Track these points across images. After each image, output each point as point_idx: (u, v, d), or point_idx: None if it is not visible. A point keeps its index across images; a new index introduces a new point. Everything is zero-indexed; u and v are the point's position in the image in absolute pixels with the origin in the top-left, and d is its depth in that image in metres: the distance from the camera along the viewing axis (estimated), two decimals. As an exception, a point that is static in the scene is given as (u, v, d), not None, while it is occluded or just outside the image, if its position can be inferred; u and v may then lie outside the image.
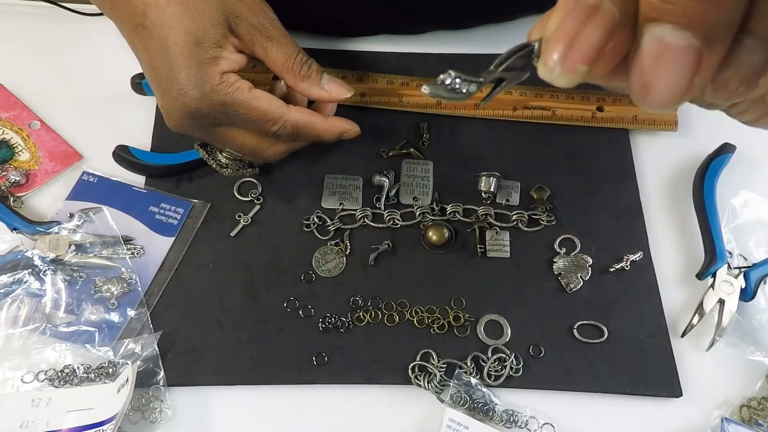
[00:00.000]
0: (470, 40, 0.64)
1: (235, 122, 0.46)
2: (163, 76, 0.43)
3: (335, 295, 0.52)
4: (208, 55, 0.43)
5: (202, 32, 0.43)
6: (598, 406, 0.49)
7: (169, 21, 0.43)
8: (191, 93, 0.43)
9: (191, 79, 0.43)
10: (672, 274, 0.54)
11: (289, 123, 0.47)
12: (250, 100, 0.45)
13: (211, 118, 0.45)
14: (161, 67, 0.43)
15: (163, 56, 0.43)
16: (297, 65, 0.48)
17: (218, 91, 0.44)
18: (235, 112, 0.45)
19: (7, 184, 0.54)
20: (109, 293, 0.51)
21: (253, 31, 0.46)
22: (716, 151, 0.57)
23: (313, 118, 0.48)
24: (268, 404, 0.48)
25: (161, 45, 0.43)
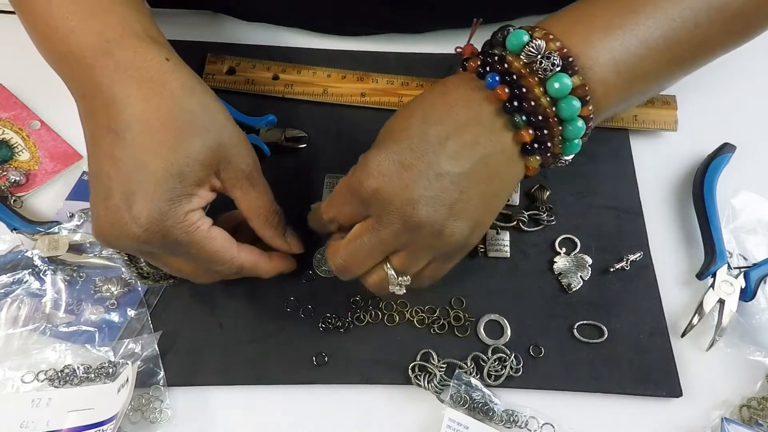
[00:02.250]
0: (470, 40, 0.64)
1: (179, 255, 0.43)
2: (119, 193, 0.39)
3: (335, 295, 0.52)
4: (184, 192, 0.40)
5: (189, 169, 0.40)
6: (598, 406, 0.49)
7: (157, 146, 0.39)
8: (147, 225, 0.39)
9: (153, 213, 0.39)
10: (672, 274, 0.54)
11: (234, 266, 0.44)
12: (204, 240, 0.42)
13: (154, 248, 0.41)
14: (121, 184, 0.39)
15: (131, 174, 0.39)
16: (271, 214, 0.46)
17: (177, 228, 0.40)
18: (185, 250, 0.42)
19: (7, 184, 0.54)
20: (109, 293, 0.51)
21: (240, 177, 0.43)
22: (716, 151, 0.57)
23: (259, 260, 0.46)
24: (268, 404, 0.48)
25: (135, 165, 0.39)
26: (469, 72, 0.43)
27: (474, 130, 0.41)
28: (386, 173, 0.40)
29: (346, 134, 0.59)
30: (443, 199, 0.40)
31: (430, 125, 0.41)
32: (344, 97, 0.60)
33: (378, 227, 0.41)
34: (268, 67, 0.61)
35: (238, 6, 0.63)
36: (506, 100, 0.41)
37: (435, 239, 0.41)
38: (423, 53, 0.63)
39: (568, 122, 0.41)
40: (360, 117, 0.59)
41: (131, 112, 0.40)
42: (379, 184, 0.40)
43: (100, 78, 0.40)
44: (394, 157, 0.40)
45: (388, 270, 0.43)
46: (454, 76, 0.44)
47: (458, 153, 0.40)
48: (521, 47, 0.41)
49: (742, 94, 0.63)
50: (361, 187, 0.40)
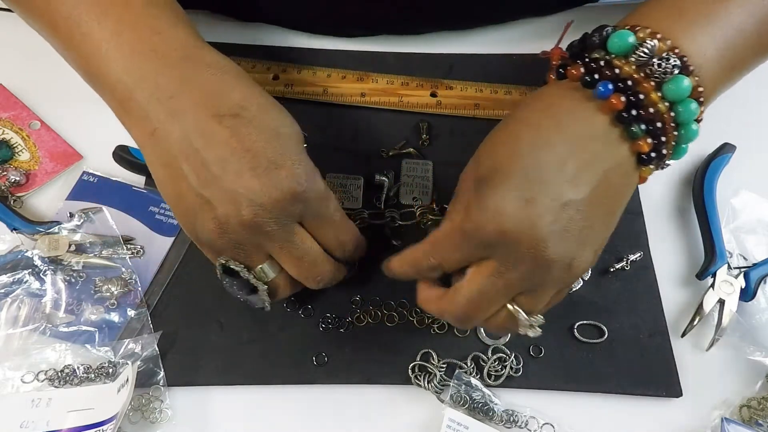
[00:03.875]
0: (470, 40, 0.64)
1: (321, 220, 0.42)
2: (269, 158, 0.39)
3: (335, 295, 0.52)
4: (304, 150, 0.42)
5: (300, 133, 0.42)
6: (598, 406, 0.49)
7: (278, 118, 0.41)
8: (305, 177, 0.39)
9: (308, 168, 0.40)
10: (672, 274, 0.54)
11: (356, 235, 0.45)
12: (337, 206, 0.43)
13: (305, 208, 0.41)
14: (266, 152, 0.39)
15: (273, 142, 0.39)
16: None
17: (323, 186, 0.41)
18: (327, 207, 0.42)
19: (7, 184, 0.54)
20: (109, 293, 0.51)
21: None
22: (716, 151, 0.57)
23: (362, 237, 0.47)
24: (268, 404, 0.48)
25: (271, 132, 0.40)
26: (571, 80, 0.39)
27: (589, 146, 0.38)
28: (509, 213, 0.36)
29: (346, 134, 0.59)
30: (571, 230, 0.37)
31: (542, 149, 0.37)
32: (344, 97, 0.60)
33: (503, 270, 0.38)
34: (268, 67, 0.61)
35: (237, 6, 0.63)
36: (622, 110, 0.37)
37: (564, 273, 0.38)
38: (422, 53, 0.63)
39: (685, 126, 0.39)
40: (360, 117, 0.59)
41: (238, 95, 0.40)
42: (504, 226, 0.36)
43: (192, 74, 0.40)
44: (514, 194, 0.37)
45: (517, 312, 0.40)
46: (554, 87, 0.41)
47: (578, 176, 0.37)
48: (628, 49, 0.38)
49: (742, 94, 0.63)
50: (481, 232, 0.37)
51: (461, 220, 0.39)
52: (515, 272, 0.38)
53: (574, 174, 0.37)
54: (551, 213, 0.36)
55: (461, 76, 0.61)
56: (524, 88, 0.60)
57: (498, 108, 0.59)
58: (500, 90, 0.60)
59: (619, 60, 0.38)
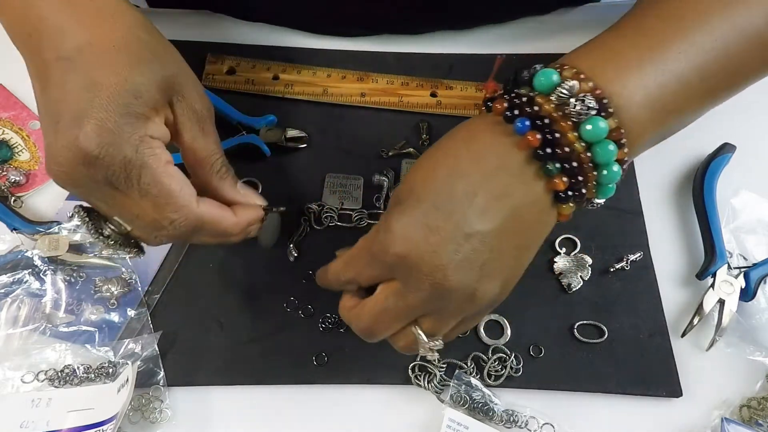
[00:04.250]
0: (470, 40, 0.64)
1: (133, 189, 0.39)
2: (69, 112, 0.37)
3: (335, 295, 0.52)
4: (140, 111, 0.38)
5: (145, 89, 0.38)
6: (598, 406, 0.49)
7: (110, 65, 0.37)
8: (98, 138, 0.36)
9: (108, 123, 0.36)
10: (672, 274, 0.54)
11: (192, 215, 0.40)
12: (160, 172, 0.38)
13: (108, 173, 0.37)
14: (72, 103, 0.37)
15: (81, 93, 0.37)
16: (217, 164, 0.43)
17: (132, 145, 0.37)
18: (138, 178, 0.38)
19: (7, 184, 0.54)
20: (109, 293, 0.51)
21: (191, 116, 0.41)
22: (716, 151, 0.57)
23: (221, 214, 0.42)
24: (268, 404, 0.48)
25: (87, 82, 0.37)
26: (495, 114, 0.39)
27: (503, 180, 0.38)
28: (412, 238, 0.37)
29: (346, 134, 0.59)
30: (474, 260, 0.37)
31: (456, 179, 0.38)
32: (344, 97, 0.60)
33: (405, 292, 0.38)
34: (268, 67, 0.61)
35: (237, 6, 0.63)
36: (538, 147, 0.37)
37: (466, 303, 0.39)
38: (422, 53, 0.63)
39: (604, 167, 0.38)
40: (360, 117, 0.59)
41: (81, 37, 0.38)
42: (406, 250, 0.37)
43: (47, 12, 0.39)
44: (420, 220, 0.37)
45: (418, 334, 0.40)
46: (479, 119, 0.41)
47: (487, 208, 0.37)
48: (551, 88, 0.38)
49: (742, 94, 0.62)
50: (385, 253, 0.38)
51: (371, 239, 0.39)
52: (416, 295, 0.38)
53: (483, 206, 0.37)
54: (453, 242, 0.37)
55: (461, 76, 0.61)
56: (524, 88, 0.60)
57: (498, 108, 0.59)
58: (500, 90, 0.60)
59: (541, 97, 0.38)
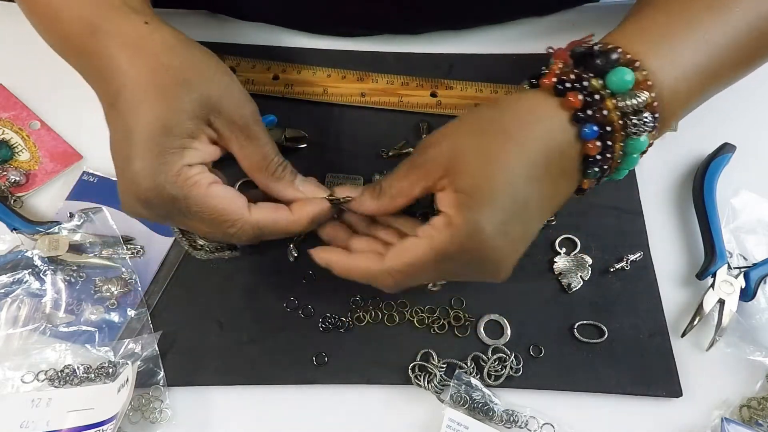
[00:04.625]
0: (470, 40, 0.64)
1: (189, 216, 0.42)
2: (121, 160, 0.40)
3: (335, 295, 0.52)
4: (174, 145, 0.40)
5: (175, 122, 0.40)
6: (598, 406, 0.49)
7: (140, 105, 0.40)
8: (143, 183, 0.39)
9: (146, 168, 0.39)
10: (672, 274, 0.54)
11: (248, 225, 0.43)
12: (205, 197, 0.41)
13: (163, 209, 0.41)
14: (121, 151, 0.40)
15: (124, 140, 0.40)
16: (272, 166, 0.45)
17: (172, 183, 0.40)
18: (187, 208, 0.41)
19: (7, 184, 0.54)
20: (109, 293, 0.51)
21: (234, 129, 0.43)
22: (716, 151, 0.57)
23: (276, 216, 0.44)
24: (268, 404, 0.48)
25: (126, 129, 0.40)
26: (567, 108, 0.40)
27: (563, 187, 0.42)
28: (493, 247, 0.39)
29: (346, 134, 0.59)
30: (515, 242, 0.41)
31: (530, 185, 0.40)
32: (344, 97, 0.60)
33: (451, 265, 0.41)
34: (268, 67, 0.61)
35: (237, 6, 0.63)
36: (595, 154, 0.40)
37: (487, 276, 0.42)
38: (422, 53, 0.63)
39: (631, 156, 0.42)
40: (360, 117, 0.59)
41: (120, 81, 0.40)
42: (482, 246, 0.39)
43: (91, 58, 0.42)
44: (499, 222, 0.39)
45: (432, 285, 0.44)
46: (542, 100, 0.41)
47: (545, 214, 0.43)
48: (624, 89, 0.39)
49: (742, 94, 0.63)
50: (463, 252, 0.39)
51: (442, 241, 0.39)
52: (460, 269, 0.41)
53: (545, 212, 0.42)
54: (518, 246, 0.41)
55: (461, 76, 0.61)
56: (524, 88, 0.60)
57: (498, 108, 0.59)
58: (500, 90, 0.60)
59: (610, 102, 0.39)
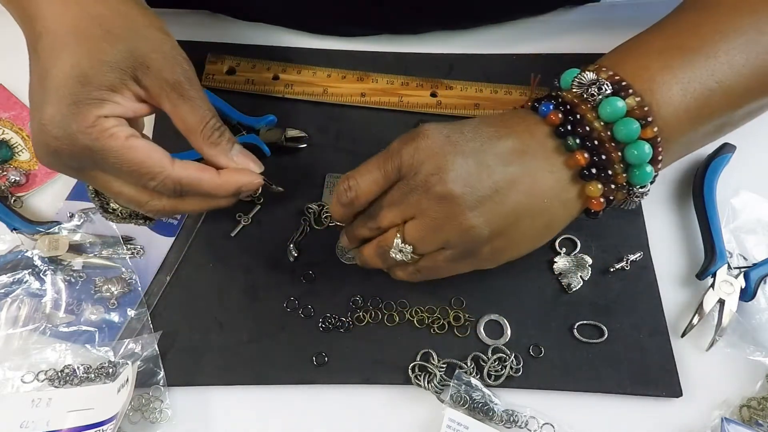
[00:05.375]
0: (470, 40, 0.64)
1: (105, 170, 0.41)
2: (34, 105, 0.39)
3: (335, 295, 0.52)
4: (90, 96, 0.39)
5: (94, 71, 0.38)
6: (598, 406, 0.49)
7: (59, 51, 0.38)
8: (53, 131, 0.38)
9: (57, 116, 0.38)
10: (672, 274, 0.54)
11: (169, 179, 0.41)
12: (122, 149, 0.39)
13: (75, 160, 0.40)
14: (35, 97, 0.39)
15: (39, 86, 0.39)
16: (208, 130, 0.43)
17: (86, 134, 0.38)
18: (103, 160, 0.40)
19: (7, 184, 0.54)
20: (109, 293, 0.51)
21: (164, 86, 0.41)
22: (716, 151, 0.57)
23: (201, 175, 0.43)
24: (268, 404, 0.48)
25: (42, 74, 0.39)
26: (524, 108, 0.45)
27: (526, 140, 0.42)
28: (430, 137, 0.41)
29: (346, 134, 0.59)
30: (474, 186, 0.40)
31: (485, 126, 0.42)
32: (344, 97, 0.60)
33: (403, 185, 0.42)
34: (268, 67, 0.61)
35: (237, 6, 0.63)
36: (559, 124, 0.42)
37: (452, 222, 0.40)
38: (423, 53, 0.63)
39: (629, 145, 0.41)
40: (360, 117, 0.59)
41: (42, 24, 0.39)
42: (420, 145, 0.41)
43: None
44: (443, 131, 0.41)
45: (396, 236, 0.43)
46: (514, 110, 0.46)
47: (505, 154, 0.41)
48: (571, 81, 0.43)
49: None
50: (402, 147, 0.41)
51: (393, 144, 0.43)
52: (410, 186, 0.41)
53: (503, 151, 0.41)
54: (464, 159, 0.40)
55: (461, 76, 0.61)
56: (524, 87, 0.60)
57: (498, 108, 0.59)
58: (500, 90, 0.60)
59: (564, 91, 0.44)
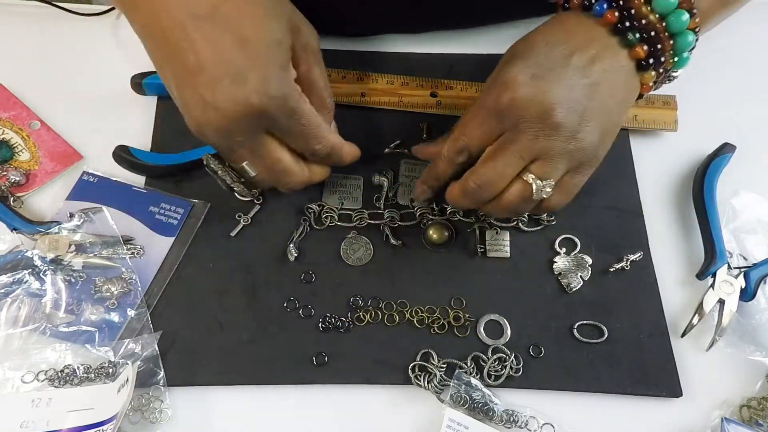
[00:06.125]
0: (470, 40, 0.64)
1: (287, 132, 0.45)
2: (228, 74, 0.40)
3: (335, 295, 0.52)
4: (285, 58, 0.43)
5: (282, 35, 0.43)
6: (598, 406, 0.49)
7: (251, 17, 0.41)
8: (269, 92, 0.41)
9: (272, 79, 0.41)
10: (672, 274, 0.54)
11: (329, 143, 0.47)
12: (311, 111, 0.44)
13: (272, 122, 0.43)
14: (227, 65, 0.40)
15: (239, 50, 0.41)
16: (327, 96, 0.49)
17: (292, 96, 0.43)
18: (297, 121, 0.44)
19: (7, 184, 0.54)
20: (109, 293, 0.51)
21: (308, 51, 0.46)
22: (716, 151, 0.57)
23: (342, 141, 0.49)
24: (268, 404, 0.48)
25: (238, 39, 0.41)
26: (574, 9, 0.46)
27: (593, 47, 0.44)
28: (522, 83, 0.42)
29: (346, 134, 0.58)
30: (575, 106, 0.43)
31: (553, 46, 0.44)
32: (344, 97, 0.60)
33: (516, 136, 0.43)
34: (268, 67, 0.60)
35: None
36: (616, 22, 0.44)
37: (570, 143, 0.43)
38: (423, 53, 0.63)
39: (679, 35, 0.44)
40: (360, 117, 0.59)
41: None
42: (517, 94, 0.42)
43: None
44: (526, 71, 0.43)
45: (531, 179, 0.44)
46: (564, 14, 0.47)
47: (583, 67, 0.43)
48: None
49: (742, 94, 0.63)
50: (498, 102, 0.43)
51: (481, 100, 0.45)
52: (526, 135, 0.43)
53: (579, 65, 0.43)
54: (558, 86, 0.42)
55: (461, 76, 0.61)
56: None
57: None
58: None
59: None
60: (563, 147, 0.43)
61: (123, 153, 0.55)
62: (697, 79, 0.61)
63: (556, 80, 0.43)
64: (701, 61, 0.62)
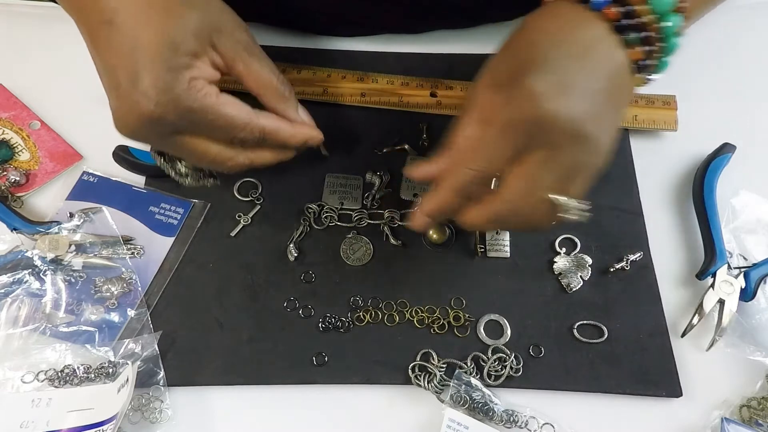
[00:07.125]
0: (470, 40, 0.64)
1: (199, 129, 0.44)
2: (124, 77, 0.40)
3: (335, 295, 0.52)
4: (180, 62, 0.41)
5: (180, 38, 0.41)
6: (598, 406, 0.49)
7: (145, 21, 0.41)
8: (156, 98, 0.40)
9: (159, 82, 0.40)
10: (672, 274, 0.54)
11: (256, 128, 0.45)
12: (216, 105, 0.43)
13: (173, 125, 0.42)
14: (124, 68, 0.40)
15: (130, 56, 0.40)
16: (279, 85, 0.47)
17: (187, 96, 0.41)
18: (202, 119, 0.43)
19: (7, 184, 0.54)
20: (109, 293, 0.51)
21: (238, 47, 0.45)
22: (716, 151, 0.57)
23: (279, 124, 0.47)
24: (268, 404, 0.48)
25: (131, 44, 0.40)
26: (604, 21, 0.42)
27: (597, 49, 0.41)
28: (548, 97, 0.38)
29: (346, 134, 0.59)
30: (596, 114, 0.40)
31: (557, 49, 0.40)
32: (344, 97, 0.60)
33: (547, 153, 0.39)
34: (268, 67, 0.60)
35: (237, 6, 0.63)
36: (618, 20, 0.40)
37: (593, 155, 0.40)
38: (422, 53, 0.63)
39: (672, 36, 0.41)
40: (360, 117, 0.59)
41: (117, 1, 0.41)
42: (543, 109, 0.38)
43: None
44: (552, 80, 0.39)
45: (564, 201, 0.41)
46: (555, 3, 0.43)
47: (590, 73, 0.40)
48: None
49: (742, 94, 0.63)
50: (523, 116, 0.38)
51: (493, 112, 0.40)
52: (558, 153, 0.39)
53: (593, 69, 0.40)
54: (584, 97, 0.39)
55: (461, 76, 0.61)
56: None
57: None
58: None
59: None
60: (589, 160, 0.41)
61: (123, 153, 0.55)
62: (697, 79, 0.61)
63: (581, 87, 0.39)
64: (701, 61, 0.63)
